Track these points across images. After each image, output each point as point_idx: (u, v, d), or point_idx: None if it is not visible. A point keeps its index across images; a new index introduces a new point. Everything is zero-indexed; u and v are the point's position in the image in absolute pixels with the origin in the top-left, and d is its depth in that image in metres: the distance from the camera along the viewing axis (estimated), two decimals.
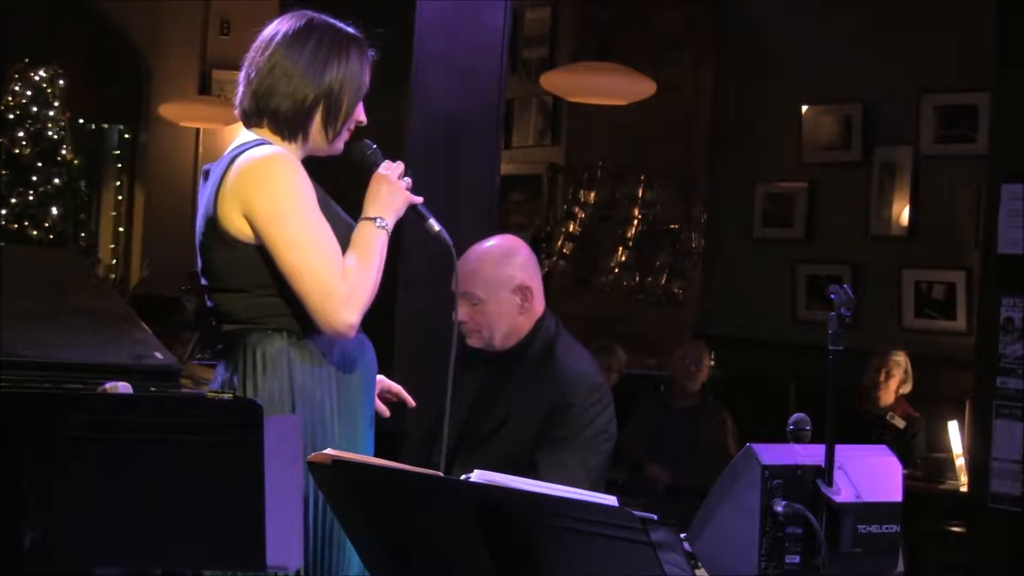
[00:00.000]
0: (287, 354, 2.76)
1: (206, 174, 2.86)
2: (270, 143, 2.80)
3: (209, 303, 2.86)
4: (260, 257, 2.74)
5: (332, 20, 2.88)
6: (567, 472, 3.44)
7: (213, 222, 2.76)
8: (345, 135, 2.89)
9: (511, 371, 3.57)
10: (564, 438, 3.46)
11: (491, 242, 3.64)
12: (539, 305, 3.62)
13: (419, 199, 2.90)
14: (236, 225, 2.74)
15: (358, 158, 2.91)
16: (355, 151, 2.91)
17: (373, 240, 2.79)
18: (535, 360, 3.56)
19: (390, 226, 2.83)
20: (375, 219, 2.81)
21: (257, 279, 2.76)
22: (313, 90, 2.80)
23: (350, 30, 2.88)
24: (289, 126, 2.82)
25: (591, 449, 3.50)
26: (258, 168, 2.74)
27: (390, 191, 2.85)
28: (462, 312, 3.50)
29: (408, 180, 2.89)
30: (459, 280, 3.40)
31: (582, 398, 3.50)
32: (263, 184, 2.73)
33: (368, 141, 2.92)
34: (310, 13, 2.87)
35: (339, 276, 2.70)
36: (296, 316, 2.76)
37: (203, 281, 2.86)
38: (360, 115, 2.89)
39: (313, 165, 2.82)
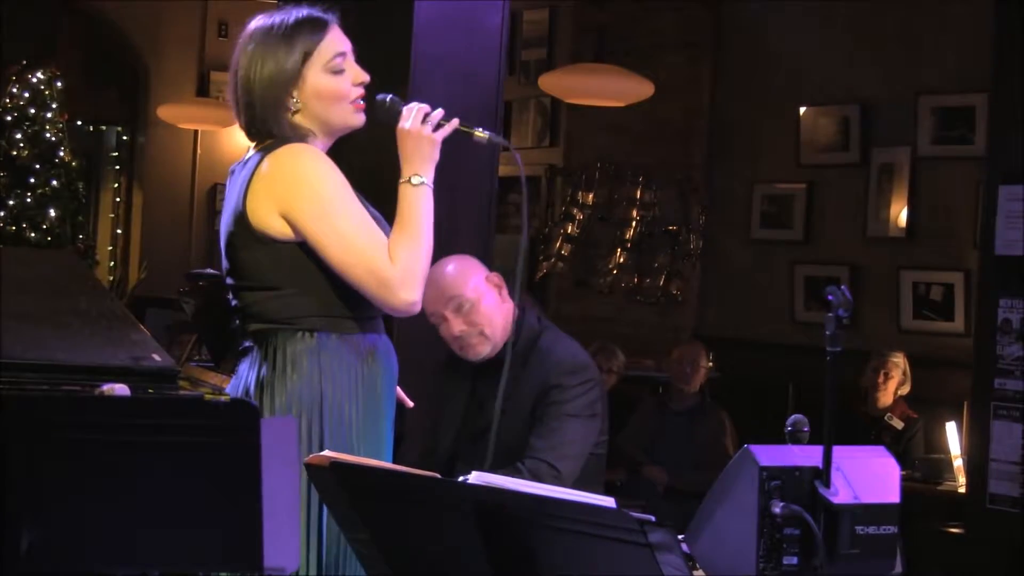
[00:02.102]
0: (316, 355, 2.77)
1: (233, 173, 2.88)
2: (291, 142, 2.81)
3: (235, 302, 2.86)
4: (299, 254, 2.75)
5: (272, 18, 2.85)
6: (563, 436, 3.50)
7: (243, 221, 2.77)
8: (353, 107, 2.87)
9: (498, 369, 3.62)
10: (552, 411, 3.54)
11: (445, 262, 3.67)
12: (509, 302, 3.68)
13: (452, 124, 2.85)
14: (269, 223, 2.75)
15: (382, 117, 2.88)
16: (377, 111, 2.89)
17: (413, 202, 2.79)
18: (521, 355, 3.61)
19: (428, 178, 2.81)
20: (410, 179, 2.81)
21: (289, 277, 2.77)
22: (262, 97, 2.81)
23: (292, 17, 2.84)
24: (288, 134, 2.83)
25: (581, 416, 3.56)
26: (291, 167, 2.75)
27: (416, 143, 2.82)
28: (456, 325, 3.55)
29: (436, 113, 2.84)
30: (437, 300, 3.46)
31: (567, 377, 3.58)
32: (299, 183, 2.73)
33: (383, 96, 2.88)
34: (256, 20, 2.87)
35: (388, 261, 2.71)
36: (325, 316, 2.77)
37: (229, 280, 2.86)
38: (353, 79, 2.85)
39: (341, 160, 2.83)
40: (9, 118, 9.27)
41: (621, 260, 8.55)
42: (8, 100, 9.32)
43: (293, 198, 2.72)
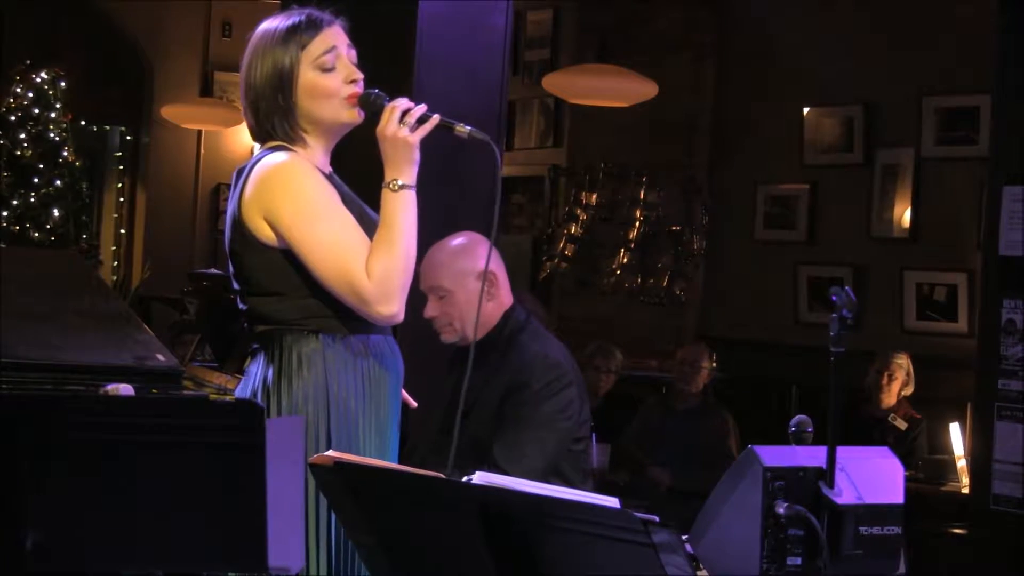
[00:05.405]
0: (322, 355, 2.77)
1: (236, 176, 2.89)
2: (285, 148, 2.83)
3: (242, 306, 2.88)
4: (288, 261, 2.76)
5: (275, 20, 2.88)
6: (521, 451, 3.48)
7: (239, 226, 2.80)
8: (343, 103, 2.84)
9: (480, 362, 3.62)
10: (518, 417, 3.52)
11: (452, 238, 3.69)
12: (506, 295, 3.68)
13: (432, 121, 2.81)
14: (261, 229, 2.77)
15: (368, 112, 2.86)
16: (362, 105, 2.86)
17: (392, 208, 2.77)
18: (500, 348, 3.61)
19: (409, 180, 2.78)
20: (390, 183, 2.78)
21: (289, 282, 2.78)
22: (263, 98, 2.84)
23: (292, 19, 2.86)
24: (288, 136, 2.86)
25: (547, 427, 3.54)
26: (274, 174, 2.77)
27: (393, 146, 2.79)
28: (431, 308, 3.57)
29: (416, 109, 2.80)
30: (424, 277, 3.47)
31: (537, 377, 3.56)
32: (281, 190, 2.75)
33: (369, 91, 2.86)
34: (262, 23, 2.90)
35: (364, 275, 2.70)
36: (330, 317, 2.78)
37: (235, 285, 2.88)
38: (345, 77, 2.85)
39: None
40: (13, 118, 9.28)
41: (624, 260, 8.54)
42: (12, 100, 9.33)
43: (275, 205, 2.75)
